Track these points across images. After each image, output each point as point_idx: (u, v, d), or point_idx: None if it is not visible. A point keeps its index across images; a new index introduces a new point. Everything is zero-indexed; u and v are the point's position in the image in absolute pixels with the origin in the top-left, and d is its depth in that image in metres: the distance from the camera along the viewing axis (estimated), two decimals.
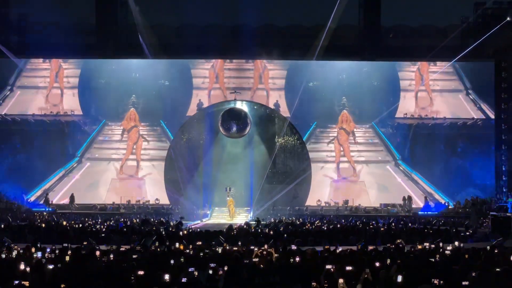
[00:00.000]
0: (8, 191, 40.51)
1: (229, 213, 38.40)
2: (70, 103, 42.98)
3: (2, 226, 27.07)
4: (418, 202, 41.58)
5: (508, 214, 29.81)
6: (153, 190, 42.17)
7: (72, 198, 40.76)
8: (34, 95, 43.32)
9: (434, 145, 42.95)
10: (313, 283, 12.03)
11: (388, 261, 14.14)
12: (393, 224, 30.82)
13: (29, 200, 40.63)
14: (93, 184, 42.10)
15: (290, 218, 35.51)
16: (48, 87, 43.26)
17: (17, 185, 40.86)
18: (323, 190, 42.41)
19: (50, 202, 40.47)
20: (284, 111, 42.70)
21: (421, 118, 43.33)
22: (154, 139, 42.97)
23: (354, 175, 42.65)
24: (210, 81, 43.22)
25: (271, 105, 42.89)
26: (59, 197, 41.62)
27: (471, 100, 43.20)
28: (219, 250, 17.02)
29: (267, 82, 43.28)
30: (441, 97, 43.61)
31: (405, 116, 43.34)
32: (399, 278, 11.84)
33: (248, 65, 43.88)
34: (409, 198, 41.02)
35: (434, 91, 43.59)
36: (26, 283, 11.49)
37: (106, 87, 42.83)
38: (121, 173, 42.25)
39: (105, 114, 42.97)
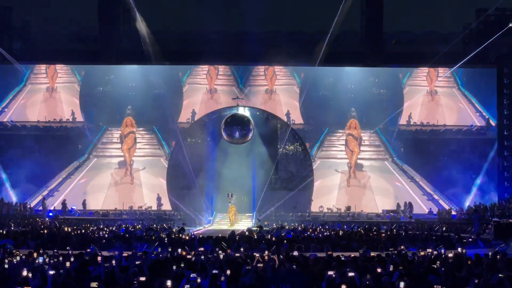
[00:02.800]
0: (16, 195, 41.75)
1: (229, 220, 38.32)
2: (71, 111, 43.68)
3: (4, 232, 27.03)
4: (423, 207, 41.68)
5: (510, 220, 29.74)
6: (147, 194, 42.49)
7: (84, 204, 41.38)
8: (36, 102, 43.68)
9: (436, 151, 42.93)
10: None
11: (391, 267, 14.10)
12: (395, 230, 30.78)
13: (43, 198, 41.39)
14: (96, 184, 42.97)
15: (292, 224, 35.44)
16: (49, 93, 43.66)
17: (25, 189, 41.95)
18: (331, 193, 42.71)
19: (67, 209, 40.91)
20: (298, 119, 43.27)
21: (423, 125, 43.35)
22: (148, 145, 43.65)
23: (363, 171, 43.21)
24: (208, 82, 43.97)
25: (284, 112, 43.39)
26: (65, 194, 42.30)
27: (473, 106, 43.16)
28: (221, 256, 16.97)
29: (272, 84, 43.98)
30: (443, 104, 43.61)
31: (407, 122, 43.40)
32: (401, 285, 11.81)
33: (259, 70, 44.40)
34: (410, 204, 40.97)
35: (436, 98, 43.59)
36: None
37: (105, 95, 43.56)
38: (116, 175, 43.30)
39: (105, 121, 43.72)
